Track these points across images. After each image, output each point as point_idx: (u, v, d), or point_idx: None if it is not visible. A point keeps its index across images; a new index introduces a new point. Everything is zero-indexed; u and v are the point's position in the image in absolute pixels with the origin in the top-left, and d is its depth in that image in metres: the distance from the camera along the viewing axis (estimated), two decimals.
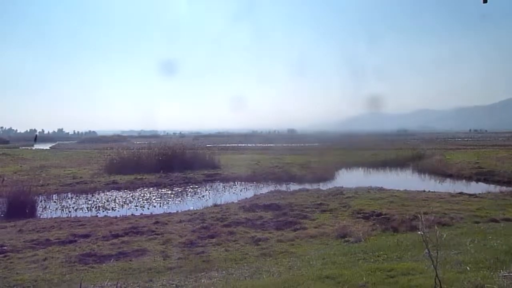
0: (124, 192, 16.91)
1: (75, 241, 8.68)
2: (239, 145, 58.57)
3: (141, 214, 11.95)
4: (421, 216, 4.26)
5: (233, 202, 13.32)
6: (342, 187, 15.84)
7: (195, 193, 16.65)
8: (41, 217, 12.00)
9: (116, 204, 14.11)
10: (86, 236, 9.02)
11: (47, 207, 13.63)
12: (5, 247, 8.15)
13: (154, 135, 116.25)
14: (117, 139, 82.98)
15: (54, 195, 15.86)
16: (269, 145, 56.93)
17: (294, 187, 17.41)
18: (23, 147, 60.17)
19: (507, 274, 4.26)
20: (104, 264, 7.06)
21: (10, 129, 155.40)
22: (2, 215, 11.80)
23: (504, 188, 15.65)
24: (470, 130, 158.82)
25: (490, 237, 6.89)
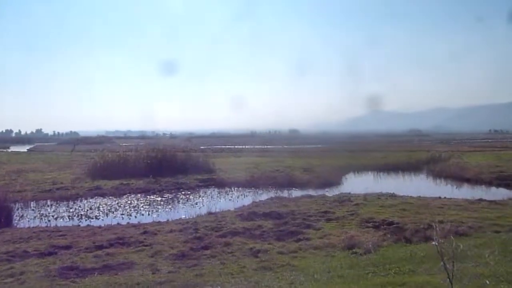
0: (109, 199, 16.89)
1: (55, 253, 8.66)
2: (236, 147, 58.57)
3: (128, 223, 11.94)
4: (436, 225, 4.29)
5: (229, 210, 13.30)
6: (349, 193, 15.86)
7: (187, 200, 16.64)
8: (18, 226, 11.97)
9: (100, 212, 14.09)
10: (67, 247, 9.00)
11: (24, 215, 13.59)
12: None
13: (142, 136, 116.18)
14: (101, 140, 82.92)
15: (32, 202, 15.82)
16: (268, 146, 56.95)
17: (296, 193, 17.41)
18: None
19: None
20: (87, 278, 7.05)
21: None
22: None
23: None
24: (490, 130, 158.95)
25: (511, 248, 6.91)
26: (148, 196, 17.41)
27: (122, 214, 13.78)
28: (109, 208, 14.84)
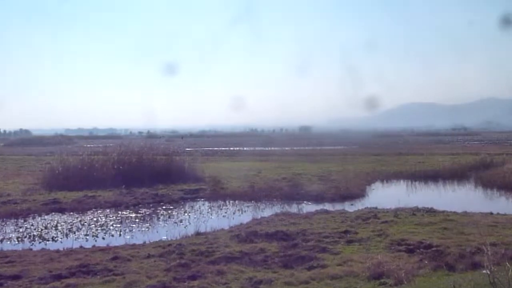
0: (70, 215, 16.89)
1: (1, 284, 8.65)
2: (232, 149, 58.66)
3: (94, 246, 11.94)
4: (487, 249, 4.28)
5: (223, 229, 13.32)
6: (376, 208, 15.88)
7: (169, 217, 16.65)
8: None
9: (59, 233, 14.09)
10: (15, 277, 8.99)
11: None
12: None
13: (111, 135, 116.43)
14: (60, 140, 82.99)
15: None
16: (273, 148, 56.99)
17: (308, 207, 17.43)
18: None
19: None
20: None
21: None
22: None
23: None
24: None
25: None
26: (120, 212, 17.41)
27: (86, 235, 13.77)
28: (69, 227, 14.83)
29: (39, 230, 14.44)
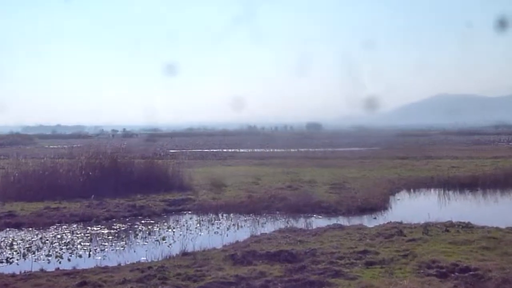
0: (28, 231, 16.85)
1: None
2: (226, 150, 58.67)
3: (57, 269, 11.88)
4: None
5: (215, 249, 13.31)
6: (401, 223, 15.84)
7: (149, 233, 16.61)
8: None
9: (14, 253, 14.04)
10: None
11: None
12: None
13: (78, 134, 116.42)
14: (17, 140, 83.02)
15: None
16: (276, 150, 57.01)
17: (319, 222, 17.42)
18: None
19: None
20: None
21: None
22: None
23: None
24: None
25: None
26: (89, 227, 17.37)
27: (48, 256, 13.73)
28: (28, 245, 14.78)
29: None
